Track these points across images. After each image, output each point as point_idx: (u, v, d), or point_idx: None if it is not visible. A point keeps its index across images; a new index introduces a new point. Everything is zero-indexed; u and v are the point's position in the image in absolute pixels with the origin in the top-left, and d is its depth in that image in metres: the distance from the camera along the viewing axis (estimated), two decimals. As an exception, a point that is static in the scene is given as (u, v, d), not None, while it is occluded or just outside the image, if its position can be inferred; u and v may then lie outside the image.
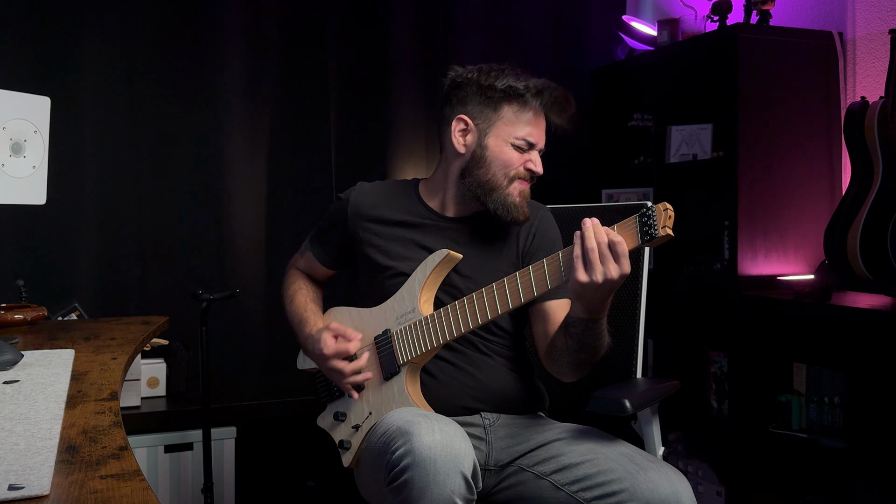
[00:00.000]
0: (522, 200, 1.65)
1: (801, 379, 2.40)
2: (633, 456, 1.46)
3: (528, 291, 1.46)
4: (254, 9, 2.87)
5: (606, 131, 3.23)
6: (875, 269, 2.06)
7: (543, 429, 1.63)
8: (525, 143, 1.65)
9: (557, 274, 1.42)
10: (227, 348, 2.81)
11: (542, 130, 1.68)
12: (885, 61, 2.12)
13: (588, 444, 1.53)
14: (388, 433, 1.42)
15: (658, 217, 1.30)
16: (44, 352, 1.48)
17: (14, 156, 1.64)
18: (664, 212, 1.30)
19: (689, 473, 2.74)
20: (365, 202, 1.74)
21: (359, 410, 1.63)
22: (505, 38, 3.22)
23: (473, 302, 1.51)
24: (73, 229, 2.66)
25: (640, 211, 1.33)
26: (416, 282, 1.61)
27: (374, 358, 1.62)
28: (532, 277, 1.45)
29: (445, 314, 1.53)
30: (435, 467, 1.30)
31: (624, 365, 1.88)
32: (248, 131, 2.87)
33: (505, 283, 1.48)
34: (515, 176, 1.65)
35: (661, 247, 2.84)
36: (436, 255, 1.60)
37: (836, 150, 2.57)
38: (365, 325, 1.66)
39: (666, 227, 1.29)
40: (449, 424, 1.39)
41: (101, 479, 0.80)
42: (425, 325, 1.55)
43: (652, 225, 1.31)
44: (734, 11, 2.72)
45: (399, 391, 1.57)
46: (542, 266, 1.44)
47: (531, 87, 1.65)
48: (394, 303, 1.63)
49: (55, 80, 2.60)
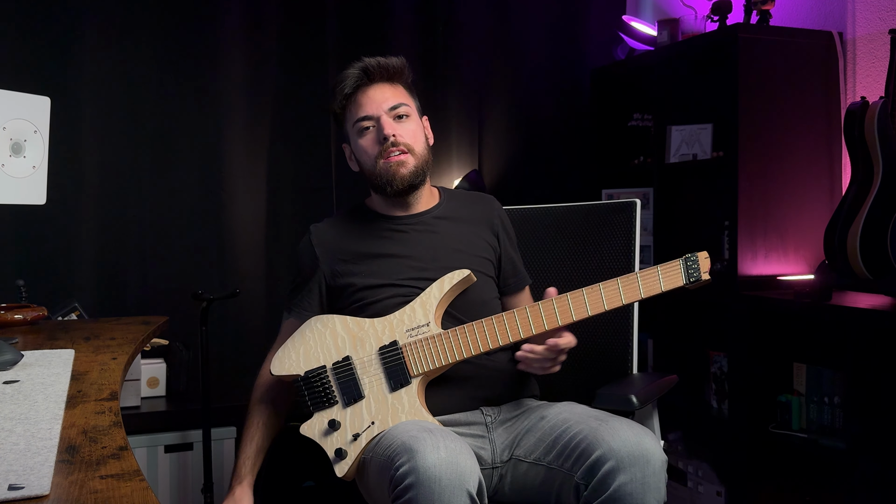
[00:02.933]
0: (396, 167, 1.69)
1: (801, 379, 2.40)
2: (599, 414, 1.53)
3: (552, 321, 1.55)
4: (254, 9, 2.87)
5: (606, 131, 3.22)
6: (875, 269, 2.06)
7: (530, 413, 1.66)
8: (364, 120, 1.69)
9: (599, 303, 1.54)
10: (227, 348, 2.81)
11: (375, 99, 1.70)
12: (885, 61, 2.12)
13: (564, 416, 1.57)
14: (393, 447, 1.41)
15: (701, 264, 1.54)
16: (44, 352, 1.47)
17: (14, 156, 1.64)
18: (705, 259, 1.54)
19: (689, 473, 2.74)
20: (328, 240, 1.77)
21: (358, 420, 1.59)
22: (505, 39, 3.23)
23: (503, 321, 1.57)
24: (73, 229, 2.66)
25: (684, 257, 1.55)
26: (433, 297, 1.63)
27: (377, 369, 1.60)
28: (570, 304, 1.54)
29: (471, 331, 1.57)
30: (440, 486, 1.29)
31: (620, 362, 1.88)
32: (248, 131, 2.87)
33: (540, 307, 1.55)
34: (377, 156, 1.69)
35: (661, 247, 2.85)
36: (456, 273, 1.63)
37: (836, 150, 2.57)
38: (365, 335, 1.63)
39: (706, 273, 1.54)
40: (454, 441, 1.38)
41: (101, 479, 0.80)
42: (444, 340, 1.58)
43: (696, 269, 1.54)
44: (734, 11, 2.72)
45: (410, 402, 1.57)
46: (582, 294, 1.54)
47: (342, 84, 1.71)
48: (402, 316, 1.62)
49: (55, 80, 2.60)
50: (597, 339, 1.90)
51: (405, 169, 1.69)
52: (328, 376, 1.61)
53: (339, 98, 1.72)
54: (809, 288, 2.26)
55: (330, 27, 2.97)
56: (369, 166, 1.72)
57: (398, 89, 1.73)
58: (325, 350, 1.63)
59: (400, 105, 1.70)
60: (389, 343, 1.60)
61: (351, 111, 1.72)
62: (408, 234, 1.75)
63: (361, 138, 1.71)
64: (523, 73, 3.24)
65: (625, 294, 1.54)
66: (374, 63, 1.69)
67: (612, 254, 1.94)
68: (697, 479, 2.71)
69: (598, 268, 1.94)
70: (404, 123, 1.70)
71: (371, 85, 1.70)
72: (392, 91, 1.71)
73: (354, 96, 1.71)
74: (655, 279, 1.54)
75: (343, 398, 1.60)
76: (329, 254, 1.75)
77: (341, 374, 1.61)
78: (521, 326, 1.56)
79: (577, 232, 2.01)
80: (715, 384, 2.72)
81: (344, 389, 1.60)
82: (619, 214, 1.95)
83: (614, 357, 1.89)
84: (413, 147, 1.70)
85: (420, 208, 1.78)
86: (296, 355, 1.64)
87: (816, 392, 2.36)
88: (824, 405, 2.34)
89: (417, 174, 1.71)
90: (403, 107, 1.70)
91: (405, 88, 1.75)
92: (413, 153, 1.70)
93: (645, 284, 1.54)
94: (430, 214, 1.78)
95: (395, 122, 1.69)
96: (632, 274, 1.54)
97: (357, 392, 1.59)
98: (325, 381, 1.61)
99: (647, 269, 1.54)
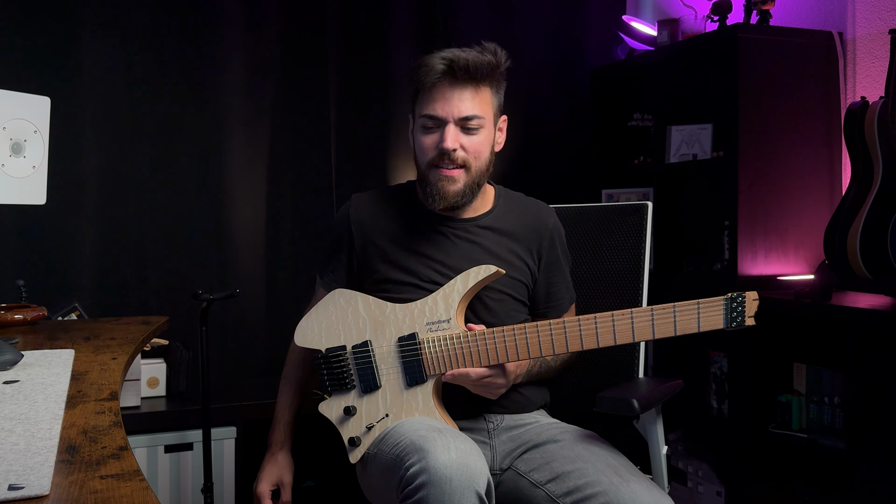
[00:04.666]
0: (445, 182, 1.60)
1: (801, 379, 2.40)
2: (618, 468, 1.47)
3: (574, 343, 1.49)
4: (254, 9, 2.87)
5: (606, 131, 3.22)
6: (875, 269, 2.06)
7: (540, 429, 1.63)
8: (429, 119, 1.59)
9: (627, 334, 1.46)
10: (227, 348, 2.81)
11: (451, 102, 1.57)
12: (885, 61, 2.12)
13: (579, 450, 1.53)
14: (402, 446, 1.41)
15: (748, 306, 1.40)
16: (44, 352, 1.47)
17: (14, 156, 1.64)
18: (753, 301, 1.40)
19: (689, 473, 2.74)
20: (367, 216, 1.72)
21: (373, 409, 1.59)
22: (505, 39, 3.18)
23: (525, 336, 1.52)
24: (73, 229, 2.65)
25: (730, 295, 1.41)
26: (456, 291, 1.57)
27: (394, 360, 1.58)
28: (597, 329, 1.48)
29: (490, 338, 1.52)
30: (451, 486, 1.29)
31: (626, 365, 1.88)
32: (248, 131, 2.87)
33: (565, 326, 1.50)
34: (431, 163, 1.61)
35: (662, 247, 2.85)
36: (482, 269, 1.57)
37: (836, 150, 2.57)
38: (386, 320, 1.60)
39: (751, 318, 1.40)
40: (464, 442, 1.38)
41: (101, 479, 0.80)
42: (464, 342, 1.54)
43: (741, 312, 1.40)
44: (734, 11, 2.72)
45: (424, 402, 1.55)
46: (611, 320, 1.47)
47: (425, 70, 1.58)
48: (424, 306, 1.59)
49: (55, 80, 2.60)
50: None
51: (454, 187, 1.61)
52: (348, 359, 1.60)
53: (416, 83, 1.61)
54: (809, 288, 2.26)
55: (330, 28, 2.97)
56: (422, 165, 1.65)
57: (481, 94, 1.60)
58: (346, 328, 1.62)
59: (474, 117, 1.58)
60: (409, 335, 1.57)
61: (423, 99, 1.61)
62: (447, 239, 1.69)
63: (423, 134, 1.61)
64: (523, 73, 3.24)
65: (657, 327, 1.44)
66: (463, 62, 1.55)
67: (622, 255, 1.93)
68: (697, 479, 2.71)
69: (608, 269, 1.93)
70: (472, 136, 1.60)
71: (452, 85, 1.57)
72: (472, 97, 1.58)
73: (432, 89, 1.58)
74: (693, 316, 1.42)
75: (360, 385, 1.59)
76: (364, 230, 1.71)
77: (360, 360, 1.60)
78: (542, 343, 1.51)
79: (589, 233, 2.00)
80: (715, 384, 2.72)
81: (362, 376, 1.59)
82: (630, 216, 1.93)
83: (620, 360, 1.88)
84: (471, 164, 1.61)
85: (468, 213, 1.70)
86: (318, 328, 1.64)
87: (816, 392, 2.36)
88: (824, 405, 2.34)
89: (464, 193, 1.62)
90: (477, 119, 1.59)
91: (491, 90, 1.62)
92: (469, 170, 1.61)
93: (681, 321, 1.43)
94: (475, 223, 1.70)
95: (462, 134, 1.59)
96: (668, 305, 1.44)
97: (374, 381, 1.59)
98: (345, 364, 1.60)
99: (686, 303, 1.42)
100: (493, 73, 1.61)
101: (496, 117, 1.67)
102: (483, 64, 1.57)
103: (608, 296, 1.93)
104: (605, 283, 1.93)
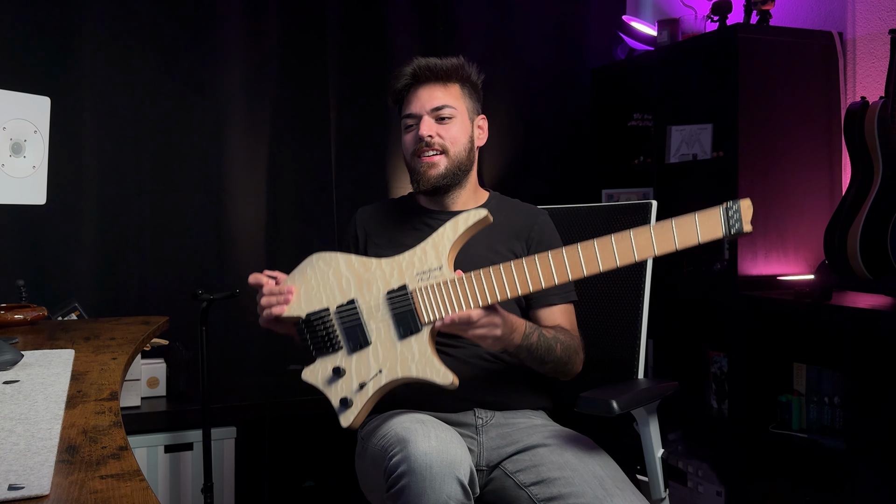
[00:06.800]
0: (427, 167, 1.73)
1: (801, 379, 2.40)
2: (604, 480, 1.47)
3: (576, 270, 1.43)
4: (254, 9, 2.87)
5: (606, 131, 3.23)
6: (875, 269, 2.06)
7: (533, 431, 1.63)
8: (409, 118, 1.75)
9: (629, 253, 1.40)
10: (227, 348, 2.80)
11: (421, 99, 1.74)
12: (885, 61, 2.12)
13: (568, 457, 1.52)
14: (387, 438, 1.45)
15: (743, 213, 1.36)
16: (44, 352, 1.47)
17: (14, 156, 1.64)
18: (748, 209, 1.36)
19: (689, 473, 2.74)
20: (370, 221, 1.84)
21: (364, 368, 1.50)
22: (505, 39, 3.23)
23: (523, 267, 1.45)
24: (73, 229, 2.66)
25: (724, 204, 1.37)
26: (446, 238, 1.51)
27: (384, 314, 1.51)
28: (597, 252, 1.42)
29: (488, 276, 1.45)
30: (431, 473, 1.32)
31: (626, 366, 1.87)
32: (248, 131, 2.87)
33: (551, 256, 1.44)
34: (414, 153, 1.74)
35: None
36: (472, 213, 1.52)
37: (836, 150, 2.57)
38: (371, 276, 1.54)
39: (749, 224, 1.36)
40: (445, 431, 1.41)
41: (101, 479, 0.80)
42: (459, 286, 1.46)
43: (738, 219, 1.36)
44: (734, 11, 2.72)
45: (421, 352, 1.47)
46: (610, 242, 1.41)
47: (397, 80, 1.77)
48: (413, 257, 1.52)
49: (55, 80, 2.60)
50: (603, 343, 1.89)
51: (435, 170, 1.72)
52: (331, 320, 1.53)
53: (393, 93, 1.79)
54: (809, 288, 2.26)
55: (330, 27, 2.97)
56: (407, 160, 1.78)
57: (450, 90, 1.75)
58: (328, 291, 1.55)
59: (444, 107, 1.72)
60: (398, 287, 1.51)
61: (402, 107, 1.79)
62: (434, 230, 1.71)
63: (405, 134, 1.77)
64: (523, 73, 3.24)
65: (658, 243, 1.39)
66: (424, 64, 1.74)
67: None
68: (697, 479, 2.71)
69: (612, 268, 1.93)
70: (446, 125, 1.73)
71: (421, 85, 1.74)
72: (442, 92, 1.74)
73: (406, 94, 1.77)
74: (692, 228, 1.38)
75: (348, 344, 1.52)
76: (367, 230, 1.82)
77: (346, 319, 1.52)
78: (542, 274, 1.44)
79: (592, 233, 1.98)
80: (715, 384, 2.72)
81: (349, 334, 1.52)
82: (634, 215, 1.93)
83: (620, 361, 1.87)
84: (449, 148, 1.72)
85: (458, 207, 1.78)
86: (296, 295, 1.56)
87: (816, 392, 2.36)
88: (824, 405, 2.34)
89: (447, 176, 1.73)
90: (447, 108, 1.73)
91: (461, 88, 1.76)
92: (448, 155, 1.72)
93: (680, 234, 1.39)
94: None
95: (437, 124, 1.72)
96: (666, 221, 1.40)
97: (363, 338, 1.51)
98: (329, 325, 1.53)
99: (683, 216, 1.39)
100: (459, 71, 1.75)
101: (471, 113, 1.78)
102: (446, 64, 1.74)
103: (608, 295, 1.93)
104: (608, 283, 1.93)
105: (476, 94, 1.80)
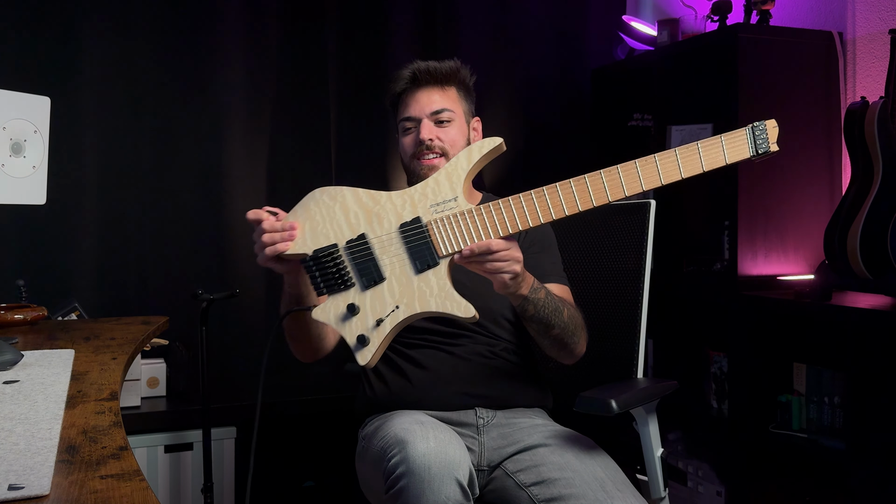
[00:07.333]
0: (427, 170, 1.72)
1: (801, 379, 2.40)
2: (605, 482, 1.47)
3: (600, 196, 1.39)
4: (254, 9, 2.87)
5: (606, 131, 3.22)
6: (875, 269, 2.06)
7: (533, 431, 1.63)
8: (408, 121, 1.76)
9: (654, 177, 1.38)
10: (227, 348, 2.81)
11: (420, 102, 1.75)
12: (885, 61, 2.12)
13: (569, 458, 1.52)
14: (386, 440, 1.45)
15: (770, 133, 1.33)
16: (44, 352, 1.47)
17: (14, 156, 1.64)
18: (774, 129, 1.34)
19: (689, 473, 2.74)
20: None
21: (381, 304, 1.43)
22: (505, 39, 3.22)
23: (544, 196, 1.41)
24: (73, 229, 2.65)
25: (750, 125, 1.34)
26: (461, 168, 1.45)
27: (398, 248, 1.44)
28: (621, 177, 1.38)
29: (506, 206, 1.41)
30: (429, 474, 1.32)
31: (625, 365, 1.87)
32: (248, 131, 2.87)
33: (574, 183, 1.41)
34: (413, 156, 1.75)
35: (662, 247, 2.85)
36: (487, 140, 1.47)
37: (836, 150, 2.57)
38: (382, 210, 1.46)
39: (775, 144, 1.33)
40: (444, 432, 1.41)
41: (101, 479, 0.80)
42: (477, 216, 1.41)
43: (765, 139, 1.34)
44: (734, 11, 2.72)
45: (440, 286, 1.41)
46: (634, 167, 1.38)
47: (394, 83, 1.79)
48: (426, 188, 1.46)
49: (55, 80, 2.60)
50: (603, 342, 1.89)
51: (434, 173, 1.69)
52: (342, 256, 1.45)
53: (391, 95, 1.81)
54: (809, 288, 2.26)
55: (330, 27, 2.97)
56: (407, 163, 1.79)
57: (448, 93, 1.77)
58: (335, 227, 1.47)
59: (443, 111, 1.74)
60: (412, 220, 1.44)
61: (400, 109, 1.80)
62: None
63: (404, 137, 1.78)
64: (523, 73, 3.24)
65: (684, 166, 1.36)
66: (423, 68, 1.76)
67: (624, 254, 1.92)
68: (697, 479, 2.71)
69: (610, 268, 1.93)
70: (445, 128, 1.74)
71: (419, 88, 1.76)
72: (440, 95, 1.76)
73: (404, 96, 1.78)
74: (718, 149, 1.35)
75: (361, 280, 1.44)
76: None
77: (357, 255, 1.45)
78: (564, 201, 1.39)
79: (591, 232, 2.00)
80: (715, 384, 2.72)
81: (362, 270, 1.44)
82: (633, 215, 1.93)
83: (620, 360, 1.88)
84: (448, 151, 1.74)
85: None
86: (300, 232, 1.48)
87: (816, 392, 2.36)
88: (824, 405, 2.34)
89: None
90: (447, 112, 1.75)
91: (458, 91, 1.79)
92: (447, 157, 1.73)
93: (707, 155, 1.35)
94: None
95: (436, 127, 1.74)
96: (691, 144, 1.36)
97: (377, 274, 1.44)
98: (339, 261, 1.45)
99: (709, 139, 1.36)
100: (455, 75, 1.78)
101: (467, 116, 1.81)
102: (444, 67, 1.76)
103: (609, 295, 1.93)
104: (607, 282, 1.93)
105: (470, 96, 1.83)
